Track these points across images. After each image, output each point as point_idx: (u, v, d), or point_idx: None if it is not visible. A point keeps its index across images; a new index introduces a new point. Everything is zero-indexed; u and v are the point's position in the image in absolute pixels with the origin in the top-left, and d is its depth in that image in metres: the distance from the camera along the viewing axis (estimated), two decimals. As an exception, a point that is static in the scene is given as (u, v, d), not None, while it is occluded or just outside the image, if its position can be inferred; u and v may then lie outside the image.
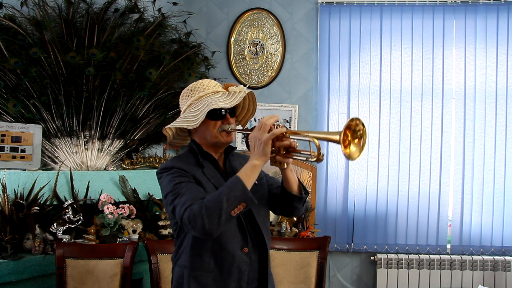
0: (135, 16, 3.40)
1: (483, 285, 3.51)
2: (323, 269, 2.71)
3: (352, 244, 3.77)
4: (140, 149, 3.51)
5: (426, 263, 3.62)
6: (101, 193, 2.99)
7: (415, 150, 3.72)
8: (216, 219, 1.39)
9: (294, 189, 1.64)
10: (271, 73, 3.89)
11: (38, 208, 2.63)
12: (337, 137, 1.36)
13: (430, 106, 3.72)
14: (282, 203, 1.70)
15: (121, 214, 2.86)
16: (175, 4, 3.73)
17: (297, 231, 3.25)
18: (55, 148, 3.12)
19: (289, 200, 1.66)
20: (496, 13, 3.68)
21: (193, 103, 1.62)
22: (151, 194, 3.24)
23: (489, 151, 3.68)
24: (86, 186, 2.96)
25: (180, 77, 3.57)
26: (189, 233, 1.57)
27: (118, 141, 3.34)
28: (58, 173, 2.85)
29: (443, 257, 3.63)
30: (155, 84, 3.37)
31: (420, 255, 3.65)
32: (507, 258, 3.61)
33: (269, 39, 3.89)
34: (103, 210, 2.82)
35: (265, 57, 3.90)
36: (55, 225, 2.74)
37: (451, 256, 3.64)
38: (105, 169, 3.26)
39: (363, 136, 1.39)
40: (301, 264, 2.74)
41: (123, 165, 3.36)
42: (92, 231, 2.82)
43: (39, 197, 2.69)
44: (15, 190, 2.64)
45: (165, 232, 3.07)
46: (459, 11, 3.72)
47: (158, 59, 3.40)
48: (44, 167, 3.06)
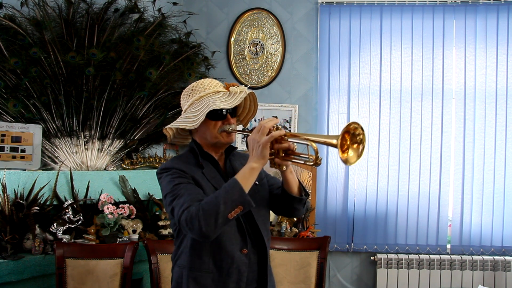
0: (135, 16, 3.40)
1: (483, 285, 3.51)
2: (323, 269, 2.71)
3: (352, 244, 3.77)
4: (140, 149, 3.51)
5: (426, 263, 3.62)
6: (101, 193, 2.99)
7: (415, 150, 3.72)
8: (212, 222, 1.39)
9: (294, 190, 1.63)
10: (271, 73, 3.89)
11: (38, 208, 2.63)
12: (334, 141, 1.35)
13: (430, 106, 3.72)
14: (282, 204, 1.69)
15: (121, 214, 2.86)
16: (175, 4, 3.73)
17: (297, 231, 3.25)
18: (55, 148, 3.12)
19: (289, 201, 1.66)
20: (496, 13, 3.68)
21: (194, 103, 1.62)
22: (151, 194, 3.24)
23: (489, 151, 3.68)
24: (86, 186, 2.96)
25: (180, 77, 3.57)
26: (187, 234, 1.57)
27: (118, 141, 3.34)
28: (58, 173, 2.85)
29: (443, 257, 3.63)
30: (155, 84, 3.37)
31: (420, 255, 3.65)
32: (507, 258, 3.61)
33: (269, 39, 3.89)
34: (103, 210, 2.82)
35: (265, 57, 3.89)
36: (55, 225, 2.74)
37: (451, 256, 3.64)
38: (105, 169, 3.26)
39: (362, 142, 1.38)
40: (301, 264, 2.74)
41: (123, 165, 3.36)
42: (92, 231, 2.82)
43: (39, 197, 2.69)
44: (15, 190, 2.64)
45: (165, 232, 3.07)
46: (459, 11, 3.72)
47: (158, 59, 3.40)
48: (44, 167, 3.05)
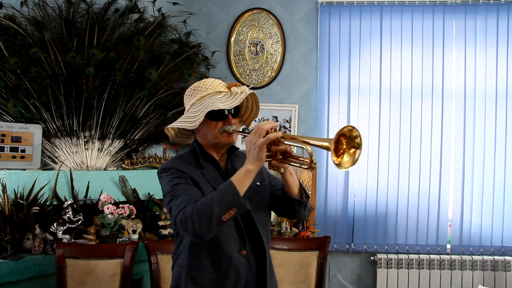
0: (135, 16, 3.40)
1: (483, 285, 3.51)
2: (323, 269, 2.71)
3: (352, 244, 3.77)
4: (140, 149, 3.51)
5: (426, 263, 3.62)
6: (101, 193, 2.99)
7: (415, 150, 3.72)
8: (206, 223, 1.39)
9: (294, 192, 1.62)
10: (271, 73, 3.89)
11: (38, 208, 2.63)
12: (326, 143, 1.34)
13: (430, 106, 3.72)
14: (283, 206, 1.68)
15: (121, 214, 2.86)
16: (175, 4, 3.73)
17: (297, 231, 3.25)
18: (55, 148, 3.12)
19: (289, 203, 1.64)
20: (496, 13, 3.68)
21: (195, 103, 1.61)
22: (151, 194, 3.24)
23: (489, 151, 3.68)
24: (86, 186, 2.96)
25: (180, 77, 3.57)
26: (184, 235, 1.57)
27: (118, 141, 3.34)
28: (58, 173, 2.85)
29: (443, 257, 3.63)
30: (155, 84, 3.37)
31: (420, 255, 3.65)
32: (507, 258, 3.61)
33: (269, 39, 3.89)
34: (103, 210, 2.82)
35: (265, 57, 3.89)
36: (55, 225, 2.74)
37: (451, 256, 3.64)
38: (105, 169, 3.26)
39: (359, 147, 1.37)
40: (301, 264, 2.73)
41: (123, 165, 3.35)
42: (92, 231, 2.82)
43: (39, 197, 2.69)
44: (15, 190, 2.64)
45: (165, 232, 3.07)
46: (459, 11, 3.72)
47: (158, 59, 3.40)
48: (44, 167, 3.05)
